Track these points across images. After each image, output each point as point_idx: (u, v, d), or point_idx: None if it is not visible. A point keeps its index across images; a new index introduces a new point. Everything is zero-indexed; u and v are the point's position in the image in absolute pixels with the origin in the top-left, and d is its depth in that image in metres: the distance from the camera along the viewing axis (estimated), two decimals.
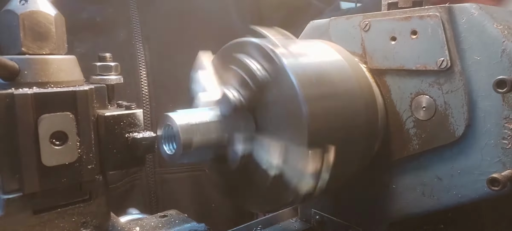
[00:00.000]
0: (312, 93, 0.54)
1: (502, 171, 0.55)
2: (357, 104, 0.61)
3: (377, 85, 0.66)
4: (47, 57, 0.53)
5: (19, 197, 0.50)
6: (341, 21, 0.71)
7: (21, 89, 0.49)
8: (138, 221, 0.67)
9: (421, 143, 0.62)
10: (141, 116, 0.58)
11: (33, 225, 0.52)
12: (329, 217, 0.78)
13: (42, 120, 0.49)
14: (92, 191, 0.56)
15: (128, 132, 0.57)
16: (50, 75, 0.52)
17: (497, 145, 0.55)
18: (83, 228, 0.55)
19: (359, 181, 0.69)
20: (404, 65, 0.62)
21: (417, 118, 0.62)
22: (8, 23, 0.51)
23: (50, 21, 0.53)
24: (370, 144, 0.65)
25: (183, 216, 0.69)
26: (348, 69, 0.63)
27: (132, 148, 0.57)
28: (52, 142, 0.49)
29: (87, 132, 0.53)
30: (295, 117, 0.54)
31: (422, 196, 0.64)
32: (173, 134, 0.55)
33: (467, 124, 0.57)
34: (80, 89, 0.52)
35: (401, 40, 0.62)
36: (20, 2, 0.51)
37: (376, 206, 0.70)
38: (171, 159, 0.57)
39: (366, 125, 0.62)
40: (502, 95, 0.54)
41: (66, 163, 0.51)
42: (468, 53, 0.57)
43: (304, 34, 0.78)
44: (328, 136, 0.56)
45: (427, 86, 0.61)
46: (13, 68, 0.50)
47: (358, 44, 0.68)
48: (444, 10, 0.58)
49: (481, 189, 0.57)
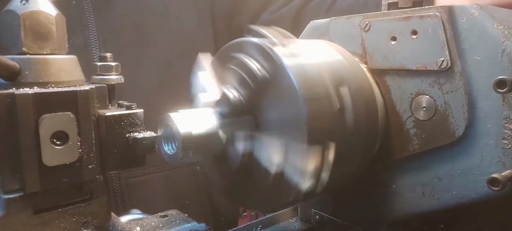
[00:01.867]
0: (312, 93, 0.54)
1: (502, 171, 0.55)
2: (357, 104, 0.61)
3: (377, 85, 0.66)
4: (48, 57, 0.53)
5: (20, 197, 0.50)
6: (341, 21, 0.71)
7: (22, 89, 0.49)
8: (138, 221, 0.67)
9: (421, 143, 0.62)
10: (142, 115, 0.58)
11: (34, 225, 0.52)
12: (329, 217, 0.78)
13: (43, 120, 0.49)
14: (92, 190, 0.56)
15: (129, 132, 0.57)
16: (51, 75, 0.52)
17: (497, 145, 0.55)
18: (83, 227, 0.55)
19: (359, 181, 0.69)
20: (404, 65, 0.62)
21: (417, 118, 0.62)
22: (9, 23, 0.51)
23: (51, 21, 0.53)
24: (370, 144, 0.65)
25: (184, 216, 0.69)
26: (348, 69, 0.63)
27: (132, 148, 0.57)
28: (53, 141, 0.49)
29: (88, 131, 0.53)
30: (295, 117, 0.54)
31: (422, 196, 0.64)
32: (173, 134, 0.55)
33: (467, 124, 0.57)
34: (81, 89, 0.52)
35: (401, 40, 0.62)
36: (21, 2, 0.51)
37: (376, 206, 0.70)
38: (171, 159, 0.57)
39: (366, 124, 0.62)
40: (502, 95, 0.54)
41: (66, 163, 0.51)
42: (468, 53, 0.57)
43: (304, 34, 0.78)
44: (328, 135, 0.56)
45: (427, 86, 0.61)
46: (14, 68, 0.50)
47: (358, 44, 0.68)
48: (444, 10, 0.58)
49: (481, 189, 0.57)
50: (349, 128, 0.60)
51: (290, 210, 0.87)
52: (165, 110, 0.58)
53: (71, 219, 0.54)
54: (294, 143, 0.54)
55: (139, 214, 0.80)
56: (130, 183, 1.29)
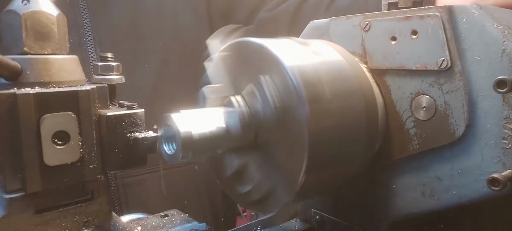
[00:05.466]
0: (312, 94, 0.55)
1: (502, 171, 0.55)
2: (357, 104, 0.61)
3: (377, 85, 0.66)
4: (49, 57, 0.53)
5: (21, 197, 0.50)
6: (341, 21, 0.71)
7: (24, 89, 0.49)
8: (139, 220, 0.67)
9: (421, 143, 0.62)
10: (143, 115, 0.59)
11: (35, 225, 0.52)
12: (329, 217, 0.78)
13: (44, 120, 0.49)
14: (94, 190, 0.56)
15: (130, 132, 0.57)
16: (52, 75, 0.52)
17: (497, 145, 0.56)
18: (85, 227, 0.55)
19: (359, 181, 0.69)
20: (404, 65, 0.62)
21: (417, 118, 0.63)
22: (10, 23, 0.52)
23: (52, 21, 0.53)
24: (370, 144, 0.65)
25: (184, 215, 0.69)
26: (348, 69, 0.63)
27: (133, 148, 0.57)
28: (54, 141, 0.50)
29: (89, 131, 0.53)
30: (295, 117, 0.54)
31: (422, 196, 0.64)
32: (173, 134, 0.55)
33: (467, 124, 0.57)
34: (82, 89, 0.52)
35: (401, 40, 0.62)
36: (22, 2, 0.52)
37: (376, 206, 0.70)
38: (171, 159, 0.57)
39: (366, 125, 0.62)
40: (502, 95, 0.54)
41: (68, 163, 0.51)
42: (469, 53, 0.57)
43: (304, 34, 0.78)
44: (328, 136, 0.56)
45: (427, 86, 0.61)
46: (15, 68, 0.50)
47: (358, 44, 0.68)
48: (444, 10, 0.58)
49: (481, 189, 0.57)
50: (349, 128, 0.60)
51: (290, 210, 0.87)
52: (161, 109, 0.58)
53: (72, 219, 0.54)
54: (294, 143, 0.54)
55: (140, 214, 0.80)
56: (127, 183, 1.28)
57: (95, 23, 1.27)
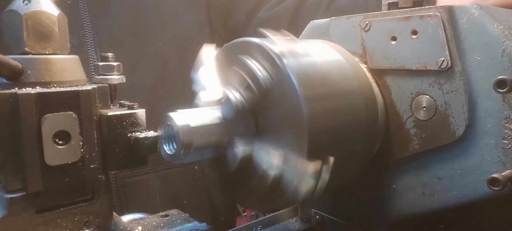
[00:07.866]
0: (312, 94, 0.55)
1: (502, 171, 0.55)
2: (357, 104, 0.61)
3: (377, 85, 0.66)
4: (50, 57, 0.53)
5: (22, 196, 0.50)
6: (342, 21, 0.71)
7: (25, 89, 0.49)
8: (140, 220, 0.68)
9: (421, 143, 0.63)
10: (144, 115, 0.59)
11: (36, 224, 0.52)
12: (329, 217, 0.79)
13: (45, 120, 0.49)
14: (94, 190, 0.56)
15: (131, 132, 0.57)
16: (53, 75, 0.52)
17: (497, 145, 0.56)
18: (85, 227, 0.55)
19: (359, 181, 0.69)
20: (404, 65, 0.63)
21: (417, 118, 0.63)
22: (12, 23, 0.52)
23: (53, 21, 0.53)
24: (370, 144, 0.65)
25: (185, 215, 0.69)
26: (348, 69, 0.63)
27: (134, 148, 0.57)
28: (55, 141, 0.50)
29: (90, 131, 0.53)
30: (295, 117, 0.54)
31: (422, 196, 0.64)
32: (173, 134, 0.55)
33: (468, 124, 0.58)
34: (83, 89, 0.52)
35: (401, 40, 0.62)
36: (23, 2, 0.52)
37: (376, 206, 0.70)
38: (171, 159, 0.57)
39: (366, 124, 0.62)
40: (502, 95, 0.54)
41: (69, 162, 0.51)
42: (469, 53, 0.57)
43: (304, 34, 0.79)
44: (328, 136, 0.56)
45: (427, 86, 0.61)
46: (17, 68, 0.50)
47: (359, 44, 0.68)
48: (444, 10, 0.58)
49: (481, 189, 0.57)
50: (350, 128, 0.60)
51: (290, 210, 0.87)
52: (161, 109, 0.58)
53: (73, 219, 0.54)
54: (295, 143, 0.54)
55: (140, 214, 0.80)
56: (127, 183, 1.28)
57: (95, 24, 1.27)
